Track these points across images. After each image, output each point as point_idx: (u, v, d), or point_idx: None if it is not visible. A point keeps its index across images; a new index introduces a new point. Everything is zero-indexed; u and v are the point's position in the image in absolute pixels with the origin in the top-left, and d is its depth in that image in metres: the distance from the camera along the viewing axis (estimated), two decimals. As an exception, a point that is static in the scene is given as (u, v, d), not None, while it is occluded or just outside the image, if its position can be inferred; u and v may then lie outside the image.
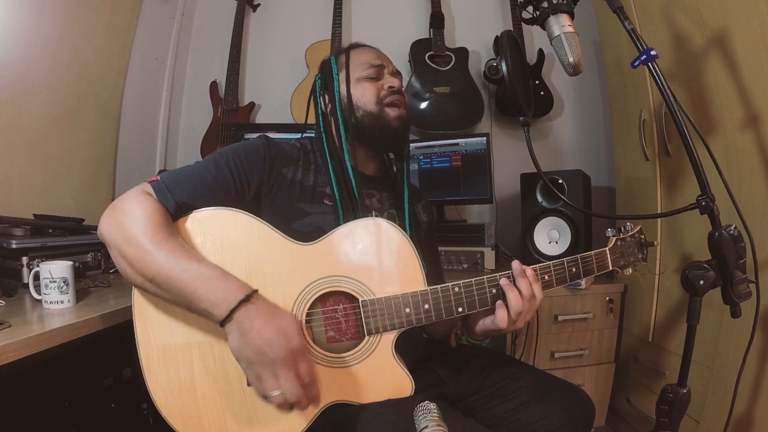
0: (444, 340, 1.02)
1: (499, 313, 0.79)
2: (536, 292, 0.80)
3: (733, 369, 1.00)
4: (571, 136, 2.15)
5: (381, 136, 0.94)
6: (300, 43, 2.08)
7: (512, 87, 0.88)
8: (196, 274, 0.68)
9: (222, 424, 0.74)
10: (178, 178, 0.79)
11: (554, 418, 0.87)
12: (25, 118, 1.41)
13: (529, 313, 0.81)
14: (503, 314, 0.79)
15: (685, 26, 1.28)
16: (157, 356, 0.74)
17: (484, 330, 0.86)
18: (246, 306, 0.68)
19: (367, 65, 0.96)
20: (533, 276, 0.82)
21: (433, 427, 0.52)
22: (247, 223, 0.78)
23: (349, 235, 0.80)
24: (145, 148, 2.03)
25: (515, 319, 0.79)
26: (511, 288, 0.80)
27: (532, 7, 0.89)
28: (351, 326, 0.79)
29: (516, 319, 0.79)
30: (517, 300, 0.79)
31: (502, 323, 0.79)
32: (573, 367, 1.59)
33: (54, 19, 1.49)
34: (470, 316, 0.89)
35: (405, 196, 0.98)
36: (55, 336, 0.76)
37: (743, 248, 0.80)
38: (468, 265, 1.64)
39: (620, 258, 0.91)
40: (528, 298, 0.79)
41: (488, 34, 2.09)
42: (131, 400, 1.15)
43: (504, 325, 0.79)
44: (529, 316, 0.82)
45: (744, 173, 1.12)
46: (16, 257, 1.07)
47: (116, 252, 0.72)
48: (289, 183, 0.89)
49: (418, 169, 1.88)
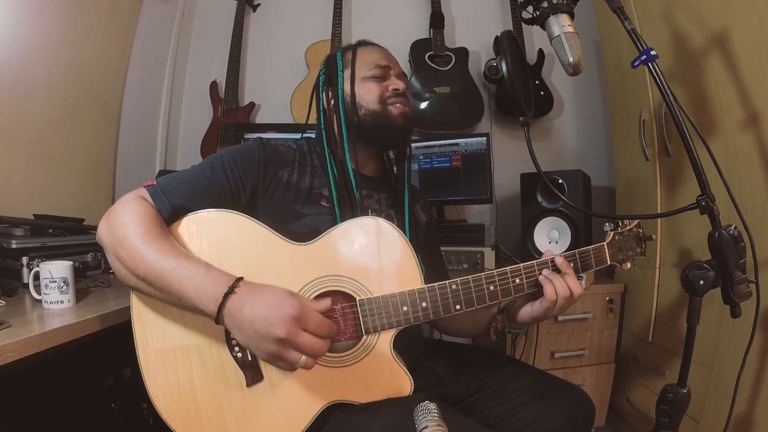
0: (468, 335, 1.03)
1: (547, 289, 0.81)
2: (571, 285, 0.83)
3: (733, 369, 1.00)
4: (571, 136, 2.15)
5: (384, 135, 0.94)
6: (300, 43, 2.08)
7: (512, 87, 0.88)
8: (184, 272, 0.68)
9: (221, 425, 0.74)
10: (173, 182, 0.80)
11: (554, 418, 0.87)
12: (25, 118, 1.41)
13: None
14: (550, 289, 0.81)
15: (685, 26, 1.27)
16: (155, 358, 0.74)
17: (531, 316, 0.86)
18: (231, 298, 0.67)
19: (373, 65, 0.96)
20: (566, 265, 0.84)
21: (433, 427, 0.52)
22: (243, 225, 0.78)
23: (346, 234, 0.80)
24: (145, 148, 2.03)
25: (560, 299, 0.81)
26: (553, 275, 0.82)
27: (532, 7, 0.89)
28: (349, 326, 0.79)
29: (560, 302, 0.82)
30: (561, 283, 0.81)
31: (551, 296, 0.80)
32: (573, 367, 1.59)
33: (54, 19, 1.49)
34: (510, 308, 0.90)
35: (405, 197, 0.98)
36: (55, 336, 0.76)
37: (743, 248, 0.79)
38: (468, 265, 1.64)
39: (618, 252, 0.91)
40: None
41: (488, 34, 2.09)
42: (131, 400, 1.15)
43: (553, 298, 0.81)
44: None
45: (744, 173, 1.12)
46: (16, 257, 1.07)
47: (112, 254, 0.73)
48: (285, 185, 0.89)
49: (418, 169, 1.88)
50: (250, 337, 0.66)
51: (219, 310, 0.66)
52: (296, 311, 0.65)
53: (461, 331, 1.05)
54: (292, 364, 0.66)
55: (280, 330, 0.64)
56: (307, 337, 0.66)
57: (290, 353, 0.65)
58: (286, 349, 0.65)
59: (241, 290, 0.68)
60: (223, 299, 0.66)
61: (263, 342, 0.65)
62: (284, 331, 0.64)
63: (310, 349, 0.66)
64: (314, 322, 0.67)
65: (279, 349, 0.65)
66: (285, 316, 0.65)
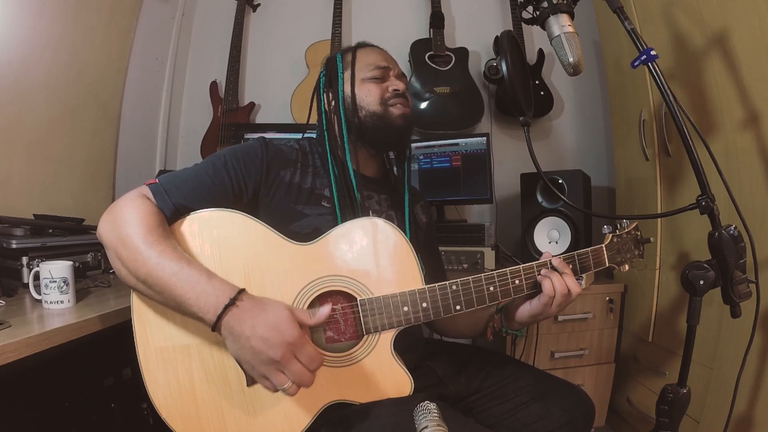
0: (466, 335, 1.03)
1: (545, 285, 0.81)
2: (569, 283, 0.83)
3: (733, 369, 1.00)
4: (571, 136, 2.15)
5: (384, 136, 0.95)
6: (300, 43, 2.08)
7: (512, 87, 0.88)
8: (185, 278, 0.68)
9: (221, 425, 0.74)
10: (175, 181, 0.80)
11: (554, 418, 0.87)
12: (25, 118, 1.41)
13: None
14: (548, 285, 0.81)
15: (685, 26, 1.27)
16: (155, 358, 0.74)
17: (530, 314, 0.85)
18: (232, 310, 0.67)
19: (373, 66, 0.96)
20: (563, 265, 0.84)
21: (433, 427, 0.52)
22: (245, 224, 0.78)
23: (347, 234, 0.80)
24: (145, 148, 2.03)
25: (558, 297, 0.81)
26: (552, 272, 0.82)
27: (532, 7, 0.89)
28: (349, 326, 0.79)
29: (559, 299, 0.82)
30: (559, 280, 0.81)
31: (549, 291, 0.80)
32: (573, 367, 1.59)
33: (54, 19, 1.49)
34: (509, 307, 0.90)
35: (405, 198, 0.98)
36: (55, 336, 0.76)
37: (743, 248, 0.79)
38: (468, 265, 1.64)
39: (617, 254, 0.92)
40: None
41: (488, 34, 2.09)
42: (131, 400, 1.15)
43: (551, 294, 0.80)
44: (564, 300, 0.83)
45: (744, 173, 1.12)
46: (16, 257, 1.07)
47: (113, 254, 0.73)
48: (287, 185, 0.89)
49: (418, 169, 1.88)
50: (245, 351, 0.67)
51: (218, 320, 0.67)
52: (294, 339, 0.66)
53: (459, 331, 1.05)
54: (277, 386, 0.67)
55: (275, 353, 0.65)
56: (299, 366, 0.67)
57: (278, 375, 0.67)
58: (276, 371, 0.67)
59: (243, 304, 0.68)
60: (224, 310, 0.67)
61: (257, 359, 0.66)
62: (279, 354, 0.65)
63: (298, 377, 0.67)
64: (307, 355, 0.68)
65: (269, 369, 0.67)
66: (283, 342, 0.66)
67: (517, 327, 0.91)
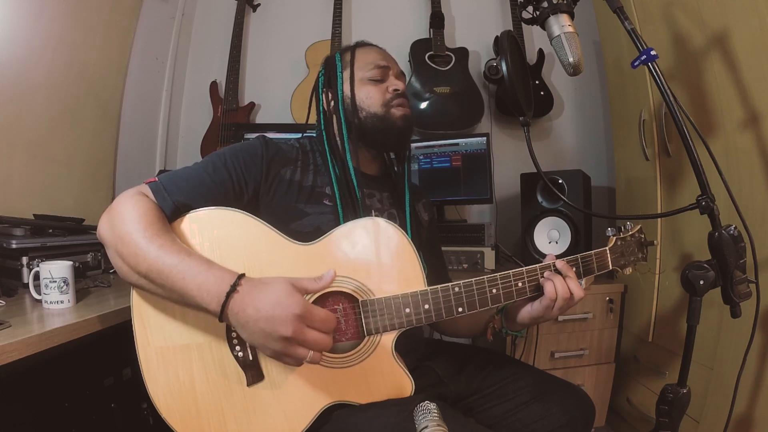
0: (466, 335, 1.03)
1: (548, 287, 0.81)
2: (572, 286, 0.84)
3: (733, 369, 1.00)
4: (571, 136, 2.15)
5: (384, 137, 0.95)
6: (300, 43, 2.08)
7: (512, 87, 0.88)
8: (186, 269, 0.68)
9: (221, 424, 0.74)
10: (175, 179, 0.80)
11: (554, 418, 0.87)
12: (25, 118, 1.41)
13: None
14: (551, 288, 0.81)
15: (685, 26, 1.27)
16: (156, 357, 0.74)
17: (531, 316, 0.85)
18: (233, 297, 0.66)
19: (372, 66, 0.96)
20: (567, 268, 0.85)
21: (433, 427, 0.52)
22: (245, 223, 0.78)
23: (349, 235, 0.80)
24: (145, 148, 2.03)
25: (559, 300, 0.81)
26: (554, 275, 0.83)
27: (532, 7, 0.89)
28: (351, 326, 0.79)
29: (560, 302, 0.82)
30: (561, 283, 0.82)
31: (551, 294, 0.80)
32: (573, 367, 1.59)
33: (54, 19, 1.49)
34: (510, 308, 0.90)
35: (406, 197, 0.98)
36: (55, 336, 0.76)
37: (743, 248, 0.79)
38: (468, 265, 1.64)
39: (620, 257, 0.91)
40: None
41: (488, 34, 2.09)
42: (131, 400, 1.15)
43: (553, 297, 0.80)
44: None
45: (744, 173, 1.12)
46: (16, 257, 1.07)
47: (113, 252, 0.72)
48: (288, 184, 0.89)
49: (418, 169, 1.88)
50: (256, 335, 0.66)
51: (222, 309, 0.66)
52: (300, 310, 0.65)
53: (459, 330, 1.04)
54: (300, 360, 0.66)
55: (285, 329, 0.64)
56: (313, 334, 0.66)
57: (297, 350, 0.66)
58: (293, 346, 0.65)
59: (243, 288, 0.67)
60: (226, 298, 0.66)
61: (269, 340, 0.65)
62: (290, 330, 0.64)
63: (315, 345, 0.66)
64: (318, 319, 0.67)
65: (285, 347, 0.65)
66: (289, 315, 0.64)
67: (518, 328, 0.91)
